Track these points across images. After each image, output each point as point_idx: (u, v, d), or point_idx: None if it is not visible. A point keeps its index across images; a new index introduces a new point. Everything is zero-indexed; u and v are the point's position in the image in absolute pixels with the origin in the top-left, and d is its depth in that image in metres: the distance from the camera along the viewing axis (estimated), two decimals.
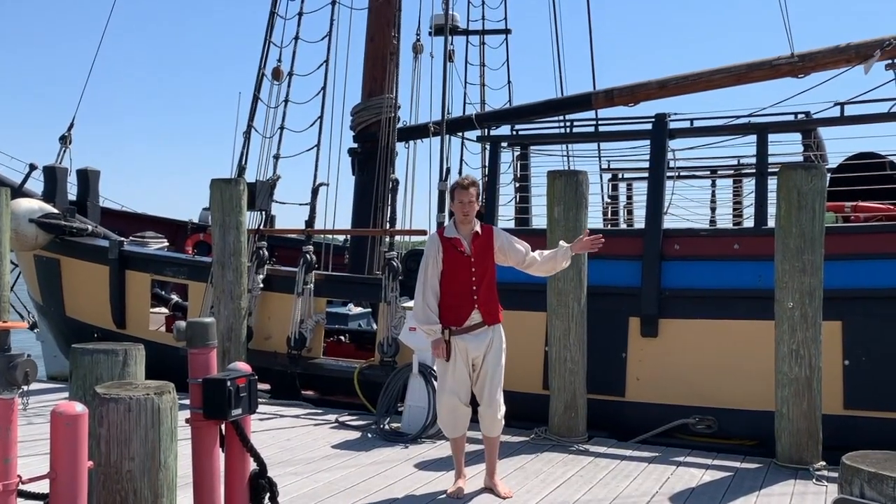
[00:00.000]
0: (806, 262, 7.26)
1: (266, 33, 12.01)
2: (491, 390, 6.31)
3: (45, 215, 12.18)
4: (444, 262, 6.31)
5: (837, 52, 9.96)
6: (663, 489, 6.68)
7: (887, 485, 3.56)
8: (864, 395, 7.97)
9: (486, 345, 6.29)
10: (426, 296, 6.32)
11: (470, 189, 6.29)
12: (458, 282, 6.29)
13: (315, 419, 9.11)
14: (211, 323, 4.97)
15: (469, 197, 6.27)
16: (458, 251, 6.30)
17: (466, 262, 6.29)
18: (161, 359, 6.99)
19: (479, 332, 6.28)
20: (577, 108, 11.67)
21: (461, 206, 6.28)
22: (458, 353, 6.27)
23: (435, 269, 6.33)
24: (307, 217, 11.31)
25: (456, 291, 6.29)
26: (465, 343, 6.27)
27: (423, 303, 6.34)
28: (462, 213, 6.29)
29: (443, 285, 6.33)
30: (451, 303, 6.30)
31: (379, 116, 12.14)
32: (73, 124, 13.81)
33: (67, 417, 3.84)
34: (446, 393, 6.36)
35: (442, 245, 6.34)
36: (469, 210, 6.29)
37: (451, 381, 6.31)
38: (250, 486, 4.93)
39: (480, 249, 6.33)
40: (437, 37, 14.84)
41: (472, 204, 6.30)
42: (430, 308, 6.30)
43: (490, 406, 6.32)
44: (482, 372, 6.32)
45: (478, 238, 6.34)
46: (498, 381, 6.35)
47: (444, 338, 6.25)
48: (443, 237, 6.38)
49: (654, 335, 8.78)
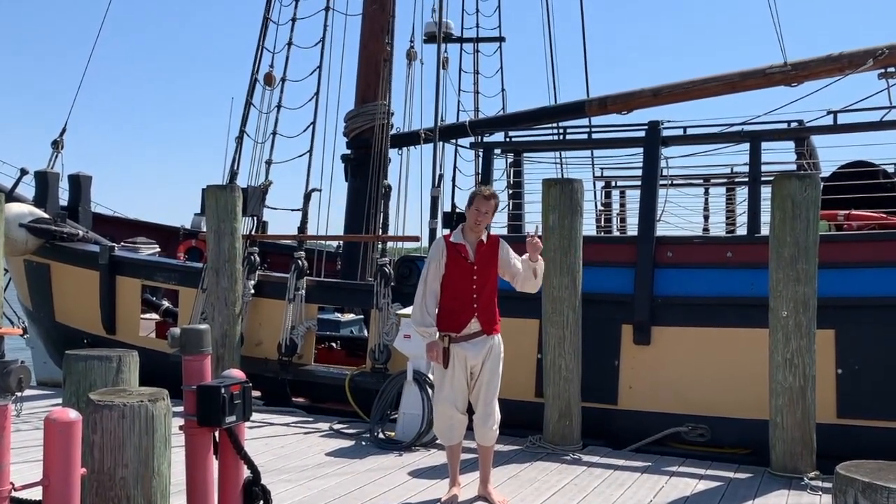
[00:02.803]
0: (800, 271, 7.27)
1: (259, 38, 11.99)
2: (487, 399, 6.29)
3: (35, 220, 12.11)
4: (446, 267, 6.30)
5: (830, 61, 9.98)
6: (657, 498, 6.66)
7: (881, 495, 3.54)
8: (857, 404, 7.97)
9: (485, 353, 6.27)
10: (425, 298, 6.30)
11: (491, 201, 6.29)
12: (459, 288, 6.27)
13: (309, 426, 9.07)
14: (205, 330, 4.95)
15: (487, 207, 6.27)
16: (462, 258, 6.28)
17: (469, 270, 6.27)
18: (151, 365, 6.94)
19: (477, 340, 6.26)
20: (570, 115, 11.69)
21: (476, 213, 6.26)
22: (457, 360, 6.24)
23: (437, 273, 6.30)
24: (299, 223, 11.28)
25: (456, 298, 6.26)
26: (465, 351, 6.24)
27: (421, 304, 6.31)
28: (475, 220, 6.27)
29: (444, 290, 6.30)
30: (451, 308, 6.27)
31: (372, 123, 12.13)
32: (65, 129, 13.78)
33: (61, 424, 3.82)
34: (443, 401, 6.33)
35: (447, 250, 6.32)
36: (483, 220, 6.28)
37: (449, 389, 6.28)
38: (244, 493, 4.91)
39: (484, 258, 6.32)
40: (431, 44, 14.85)
41: (488, 215, 6.31)
42: (428, 311, 6.27)
43: (486, 415, 6.30)
44: (479, 380, 6.30)
45: (482, 247, 6.33)
46: (494, 390, 6.33)
47: (443, 344, 6.22)
48: (448, 242, 6.35)
49: (646, 343, 8.76)
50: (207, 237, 10.55)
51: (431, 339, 6.26)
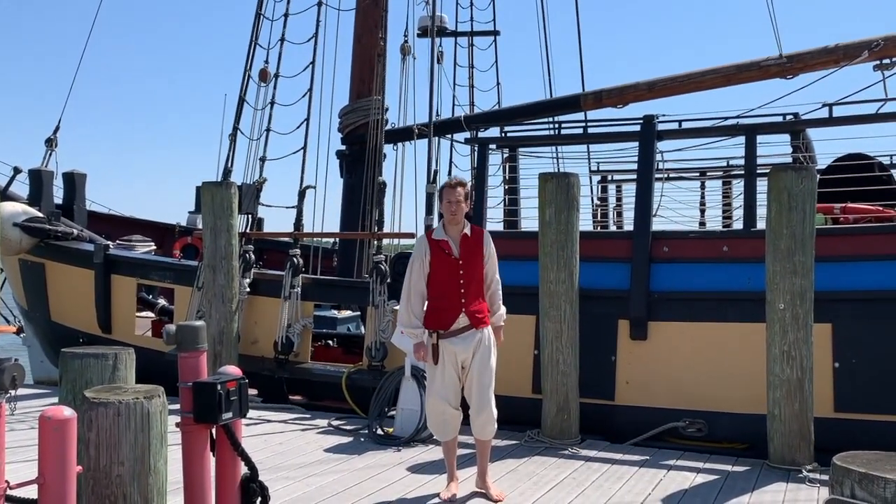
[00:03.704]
0: (797, 264, 7.27)
1: (252, 35, 11.94)
2: (480, 392, 6.24)
3: (29, 219, 12.06)
4: (431, 265, 6.25)
5: (826, 53, 9.95)
6: (656, 491, 6.66)
7: (878, 485, 3.56)
8: (854, 398, 7.96)
9: (474, 346, 6.22)
10: (410, 299, 6.27)
11: (457, 188, 6.22)
12: (445, 285, 6.22)
13: (306, 423, 9.05)
14: (201, 326, 4.93)
15: (456, 196, 6.19)
16: (446, 253, 6.23)
17: (454, 265, 6.22)
18: (147, 363, 6.91)
19: (466, 334, 6.22)
20: (565, 109, 11.65)
21: (449, 205, 6.21)
22: (447, 356, 6.20)
23: (421, 272, 6.27)
24: (294, 220, 11.24)
25: (443, 294, 6.23)
26: (454, 346, 6.20)
27: (407, 306, 6.29)
28: (450, 213, 6.22)
29: (430, 288, 6.27)
30: (438, 306, 6.24)
31: (367, 118, 12.07)
32: (58, 127, 13.70)
33: (56, 422, 3.79)
34: (434, 396, 6.30)
35: (429, 247, 6.28)
36: (457, 210, 6.21)
37: (440, 384, 6.25)
38: (241, 490, 4.88)
39: (469, 252, 6.25)
40: (426, 38, 14.81)
41: (460, 204, 6.22)
42: (414, 312, 6.25)
43: (480, 409, 6.25)
44: (470, 374, 6.25)
45: (467, 240, 6.26)
46: (487, 383, 6.26)
47: (432, 340, 6.18)
48: (431, 239, 6.31)
49: (643, 338, 8.74)
50: (204, 234, 10.51)
51: (418, 340, 6.24)
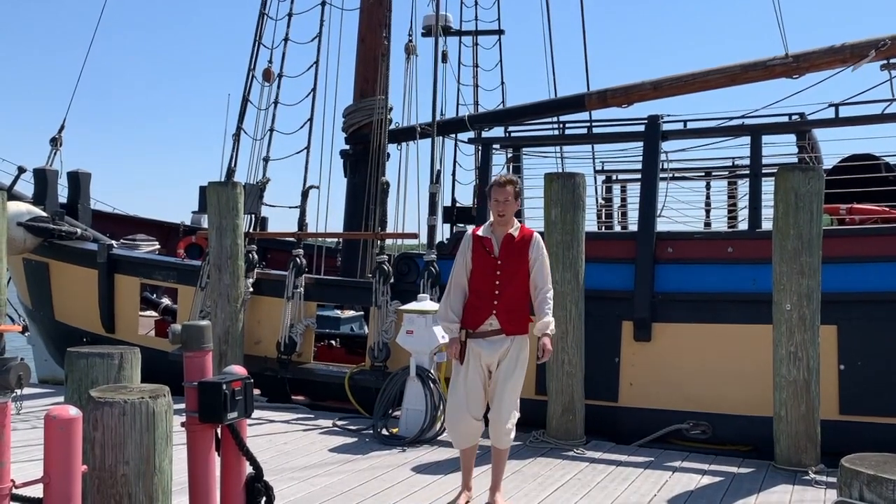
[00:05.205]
0: (804, 264, 7.24)
1: (256, 34, 11.93)
2: (501, 399, 5.96)
3: (33, 218, 12.06)
4: (472, 262, 6.04)
5: (832, 53, 9.91)
6: (661, 493, 6.63)
7: (887, 487, 3.54)
8: (860, 400, 7.93)
9: (501, 353, 5.97)
10: (450, 293, 6.07)
11: (507, 187, 5.98)
12: (481, 283, 5.99)
13: (311, 423, 9.03)
14: (206, 326, 4.91)
15: (505, 195, 5.96)
16: (486, 251, 6.00)
17: (492, 264, 5.99)
18: (151, 363, 6.90)
19: (494, 339, 5.96)
20: (570, 109, 11.60)
21: (496, 204, 5.98)
22: (472, 357, 5.98)
23: (463, 267, 6.06)
24: (298, 220, 11.22)
25: (478, 292, 6.00)
26: (480, 348, 5.97)
27: (446, 299, 6.09)
28: (497, 212, 6.01)
29: (470, 285, 6.05)
30: (472, 303, 6.02)
31: (371, 118, 12.05)
32: (63, 126, 13.72)
33: (61, 421, 3.78)
34: (455, 405, 6.06)
35: (472, 243, 6.08)
36: (504, 209, 5.98)
37: (463, 391, 6.01)
38: (246, 490, 4.86)
39: (510, 253, 6.00)
40: (430, 37, 14.77)
41: (508, 203, 5.98)
42: (451, 306, 6.03)
43: (499, 416, 5.95)
44: (494, 379, 6.00)
45: (511, 241, 6.02)
46: (511, 392, 5.97)
47: (460, 338, 5.99)
48: (475, 235, 6.11)
49: (647, 339, 8.72)
50: (209, 234, 10.51)
51: (453, 336, 6.04)
